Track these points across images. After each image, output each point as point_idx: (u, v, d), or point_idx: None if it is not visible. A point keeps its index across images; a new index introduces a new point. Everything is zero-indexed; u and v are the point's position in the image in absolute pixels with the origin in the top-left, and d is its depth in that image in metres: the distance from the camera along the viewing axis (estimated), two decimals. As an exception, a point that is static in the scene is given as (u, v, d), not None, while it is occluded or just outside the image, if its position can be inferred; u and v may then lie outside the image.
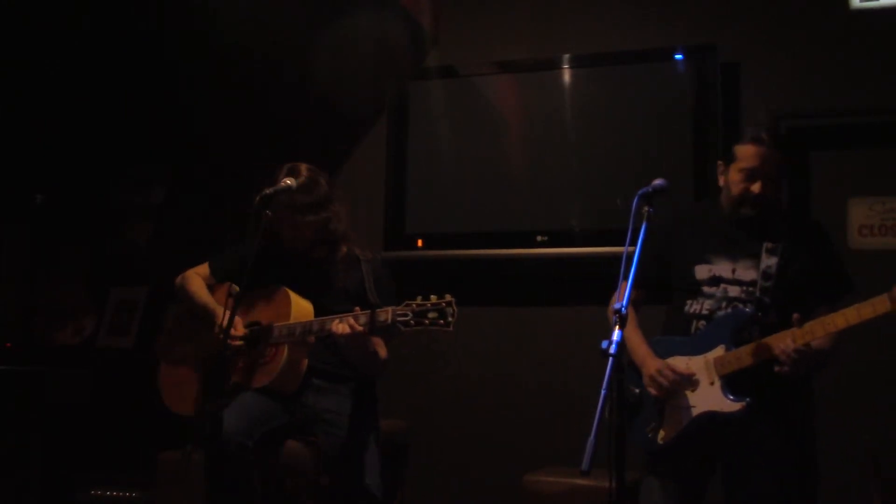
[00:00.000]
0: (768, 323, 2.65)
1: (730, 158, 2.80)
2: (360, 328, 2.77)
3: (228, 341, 2.89)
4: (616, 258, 2.44)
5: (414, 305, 2.69)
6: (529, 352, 4.20)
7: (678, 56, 3.99)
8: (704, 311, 2.73)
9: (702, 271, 2.77)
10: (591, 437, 2.04)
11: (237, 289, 2.76)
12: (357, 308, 2.82)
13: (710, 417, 2.62)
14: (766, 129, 2.83)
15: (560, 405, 4.02)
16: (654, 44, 4.09)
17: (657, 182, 2.64)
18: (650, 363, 2.69)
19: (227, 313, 2.73)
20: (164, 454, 3.73)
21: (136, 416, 4.33)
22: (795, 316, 2.55)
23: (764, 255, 2.71)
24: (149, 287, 4.95)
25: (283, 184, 2.88)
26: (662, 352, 2.72)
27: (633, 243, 2.41)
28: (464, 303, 4.24)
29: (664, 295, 2.90)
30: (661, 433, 2.68)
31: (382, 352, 3.01)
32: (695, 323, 2.75)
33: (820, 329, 2.54)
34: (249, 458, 2.80)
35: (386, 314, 2.73)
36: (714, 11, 4.10)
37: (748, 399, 2.58)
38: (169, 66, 4.86)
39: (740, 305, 2.69)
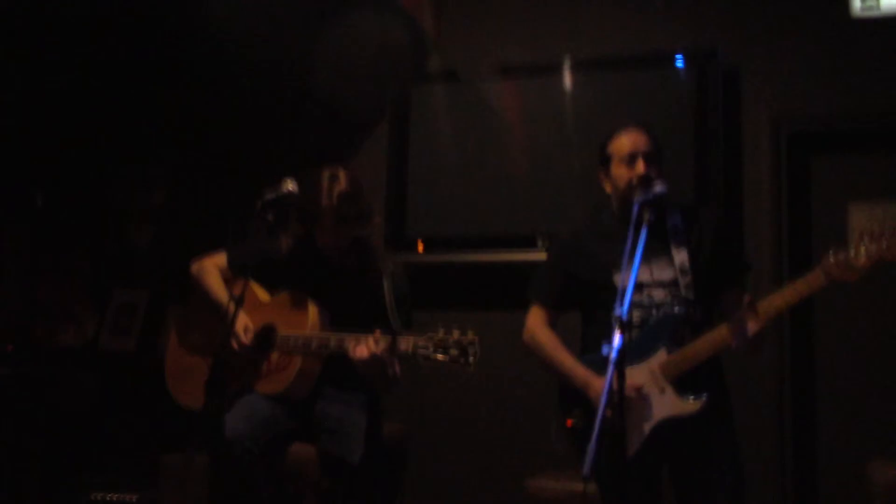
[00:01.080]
0: (696, 319, 2.66)
1: (607, 160, 2.80)
2: (379, 352, 2.72)
3: (234, 345, 2.87)
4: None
5: (436, 338, 2.63)
6: (531, 356, 4.20)
7: (679, 60, 4.00)
8: (635, 321, 2.70)
9: (620, 279, 2.69)
10: (593, 443, 2.04)
11: (238, 292, 2.73)
12: (377, 330, 2.76)
13: (670, 423, 2.61)
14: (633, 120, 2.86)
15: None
16: (654, 48, 4.09)
17: (658, 189, 2.65)
18: (595, 383, 2.65)
19: (236, 314, 2.71)
20: (166, 457, 3.74)
21: (137, 419, 4.34)
22: (747, 298, 2.53)
23: (673, 251, 2.71)
24: (150, 289, 4.95)
25: (284, 189, 2.87)
26: (602, 369, 2.62)
27: (633, 249, 2.41)
28: (464, 306, 4.29)
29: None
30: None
31: (396, 370, 2.92)
32: (627, 333, 2.72)
33: (773, 307, 2.51)
34: (254, 462, 2.78)
35: (407, 343, 2.67)
36: (715, 16, 4.11)
37: (705, 395, 2.58)
38: (170, 70, 4.86)
39: (667, 308, 2.69)
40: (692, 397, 2.60)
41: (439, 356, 2.60)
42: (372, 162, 4.49)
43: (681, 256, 2.70)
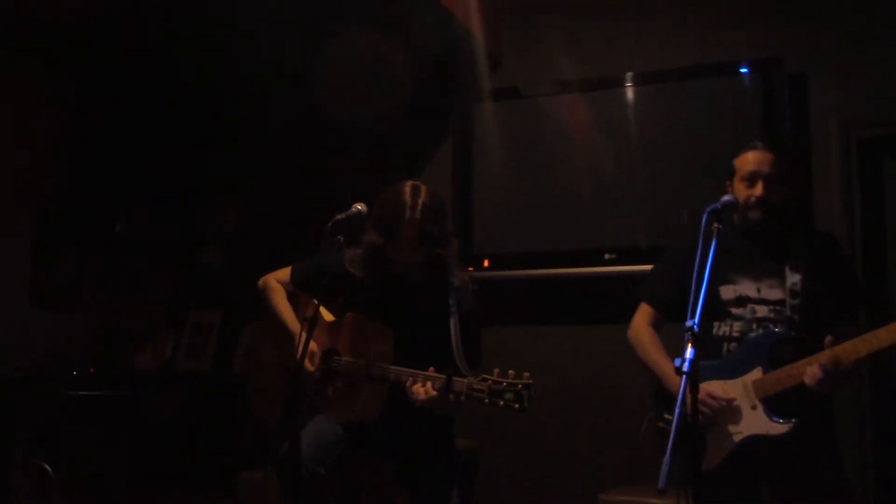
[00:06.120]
0: (800, 340, 2.65)
1: (732, 172, 2.84)
2: (434, 394, 2.70)
3: (303, 371, 2.87)
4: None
5: (490, 382, 2.61)
6: (601, 370, 4.19)
7: (743, 70, 3.96)
8: (735, 334, 2.74)
9: (727, 292, 2.78)
10: (667, 456, 2.04)
11: (310, 312, 2.75)
12: (431, 368, 2.74)
13: (757, 441, 2.60)
14: (763, 139, 2.90)
15: (634, 423, 3.96)
16: (718, 58, 4.06)
17: (725, 198, 2.65)
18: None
19: (308, 337, 2.71)
20: (244, 474, 3.82)
21: (215, 436, 4.44)
22: (828, 338, 2.54)
23: (788, 273, 2.72)
24: (224, 310, 5.07)
25: (354, 209, 2.90)
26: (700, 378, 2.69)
27: (704, 260, 2.41)
28: (532, 322, 4.30)
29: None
30: (704, 460, 2.66)
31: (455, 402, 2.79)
32: (726, 345, 2.75)
33: (860, 349, 2.50)
34: (322, 483, 2.79)
35: (461, 386, 2.66)
36: (779, 23, 4.06)
37: (794, 420, 2.57)
38: (238, 98, 5.02)
39: (770, 326, 2.70)
40: (780, 420, 2.59)
41: (494, 401, 2.59)
42: (436, 180, 4.51)
43: (794, 279, 2.72)
